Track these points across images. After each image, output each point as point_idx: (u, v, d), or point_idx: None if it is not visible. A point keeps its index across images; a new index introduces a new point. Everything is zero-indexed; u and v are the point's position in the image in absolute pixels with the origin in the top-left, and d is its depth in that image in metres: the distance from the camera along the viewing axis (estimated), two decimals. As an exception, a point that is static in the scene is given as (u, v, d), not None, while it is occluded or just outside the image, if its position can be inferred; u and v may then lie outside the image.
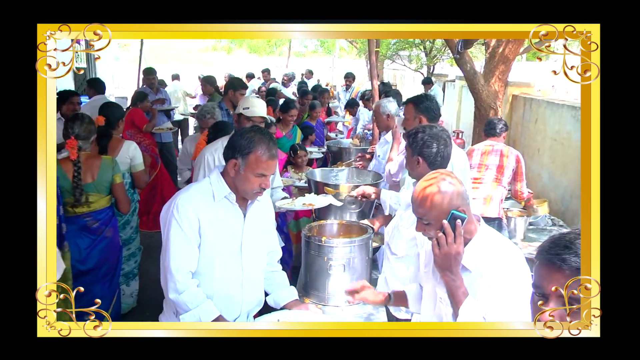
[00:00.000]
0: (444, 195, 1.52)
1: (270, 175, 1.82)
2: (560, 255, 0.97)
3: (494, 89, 5.15)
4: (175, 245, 1.77)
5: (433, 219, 1.53)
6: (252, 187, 1.78)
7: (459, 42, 5.01)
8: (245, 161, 1.76)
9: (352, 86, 9.13)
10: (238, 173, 1.78)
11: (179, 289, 1.76)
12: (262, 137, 1.78)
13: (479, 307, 1.46)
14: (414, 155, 2.09)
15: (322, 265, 2.40)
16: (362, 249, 2.44)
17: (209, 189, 1.83)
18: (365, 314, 2.38)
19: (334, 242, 2.42)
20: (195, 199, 1.81)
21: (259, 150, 1.75)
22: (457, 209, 1.51)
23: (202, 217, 1.79)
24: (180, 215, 1.76)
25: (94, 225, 2.77)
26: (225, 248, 1.86)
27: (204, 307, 1.77)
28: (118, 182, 2.84)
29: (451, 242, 1.48)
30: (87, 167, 2.67)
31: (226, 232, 1.86)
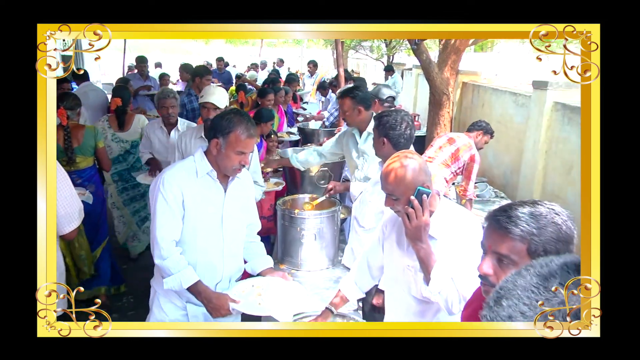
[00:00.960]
0: (410, 172, 1.67)
1: (249, 153, 1.98)
2: (496, 216, 1.13)
3: (446, 76, 5.63)
4: (160, 217, 1.94)
5: (400, 194, 1.68)
6: (233, 164, 1.95)
7: None
8: (226, 140, 1.93)
9: (316, 72, 10.30)
10: (220, 151, 1.96)
11: (163, 255, 1.94)
12: (241, 118, 1.95)
13: (447, 270, 1.64)
14: (380, 136, 2.30)
15: (295, 235, 2.70)
16: (330, 220, 2.73)
17: (193, 166, 2.00)
18: (334, 277, 2.69)
19: (305, 214, 2.73)
20: (180, 175, 1.98)
21: (238, 129, 1.92)
22: (422, 184, 1.66)
23: (185, 191, 1.96)
24: (166, 190, 1.94)
25: (78, 182, 3.27)
26: (207, 220, 2.03)
27: (184, 272, 1.95)
28: (100, 147, 3.46)
29: (420, 215, 1.63)
30: (73, 135, 3.28)
31: (208, 206, 2.02)
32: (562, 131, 4.79)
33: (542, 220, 1.09)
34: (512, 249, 1.10)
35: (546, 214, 1.11)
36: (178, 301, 2.11)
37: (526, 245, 1.10)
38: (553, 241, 1.08)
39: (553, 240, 1.08)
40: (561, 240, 1.08)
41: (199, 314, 2.08)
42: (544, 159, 5.05)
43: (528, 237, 1.09)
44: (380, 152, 2.36)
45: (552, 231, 1.08)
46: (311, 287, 2.54)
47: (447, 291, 1.66)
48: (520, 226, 1.09)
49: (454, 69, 5.76)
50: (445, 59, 5.72)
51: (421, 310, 1.83)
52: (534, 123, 5.19)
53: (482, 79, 7.78)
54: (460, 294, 1.66)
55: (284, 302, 1.95)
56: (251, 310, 1.92)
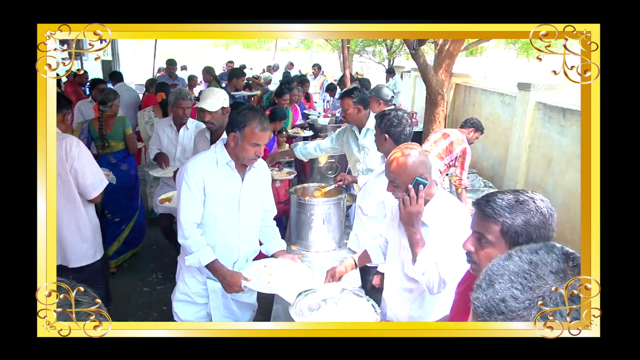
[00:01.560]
0: (411, 164, 1.86)
1: (263, 145, 2.15)
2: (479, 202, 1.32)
3: (441, 78, 6.17)
4: (184, 201, 2.17)
5: (401, 182, 1.88)
6: (249, 154, 2.15)
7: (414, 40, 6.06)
8: (242, 133, 2.12)
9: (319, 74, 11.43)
10: (237, 144, 2.15)
11: (185, 236, 2.18)
12: (255, 113, 2.13)
13: (432, 254, 1.83)
14: (382, 133, 2.51)
15: (305, 220, 3.00)
16: (337, 207, 3.02)
17: (214, 157, 2.22)
18: (340, 257, 2.89)
19: (314, 201, 3.00)
20: (201, 164, 2.20)
21: (253, 123, 2.10)
22: (421, 175, 1.85)
23: (206, 179, 2.18)
24: (189, 177, 2.16)
25: (113, 161, 4.15)
26: (225, 205, 2.25)
27: (203, 251, 2.19)
28: (128, 134, 4.21)
29: (414, 203, 1.81)
30: (106, 124, 4.09)
31: (226, 192, 2.24)
32: (543, 128, 5.26)
33: (516, 206, 1.26)
34: (488, 229, 1.29)
35: (522, 201, 1.26)
36: (199, 276, 2.36)
37: (499, 226, 1.27)
38: (524, 225, 1.24)
39: (524, 224, 1.24)
40: (532, 225, 1.23)
41: (217, 289, 2.32)
42: (527, 152, 5.58)
43: (501, 219, 1.26)
44: (382, 148, 2.57)
45: (525, 216, 1.24)
46: (319, 266, 2.80)
47: (430, 274, 1.84)
48: (495, 210, 1.27)
49: (448, 71, 6.26)
50: (440, 62, 6.21)
51: (411, 288, 2.04)
52: (518, 120, 5.71)
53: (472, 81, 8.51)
54: (442, 278, 1.84)
55: (291, 282, 2.13)
56: (261, 288, 2.12)
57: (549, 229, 1.25)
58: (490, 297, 0.80)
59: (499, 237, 1.28)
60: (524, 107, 5.59)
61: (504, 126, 6.36)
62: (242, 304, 2.48)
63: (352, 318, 2.03)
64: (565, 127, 4.82)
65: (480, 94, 7.36)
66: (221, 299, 2.38)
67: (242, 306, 2.48)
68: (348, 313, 2.06)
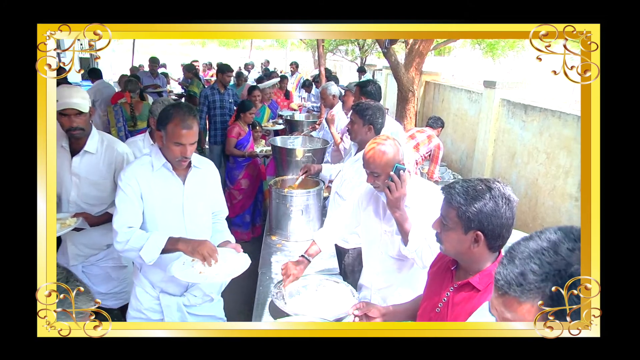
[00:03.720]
0: (389, 153, 2.00)
1: (188, 145, 1.95)
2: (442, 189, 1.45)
3: (412, 76, 6.50)
4: (119, 208, 1.98)
5: (381, 171, 2.01)
6: (175, 155, 1.96)
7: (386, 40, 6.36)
8: (166, 132, 1.94)
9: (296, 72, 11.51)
10: (163, 144, 1.98)
11: (122, 239, 1.95)
12: (178, 109, 1.95)
13: (420, 232, 1.93)
14: (365, 124, 2.67)
15: (285, 211, 3.06)
16: (315, 198, 3.10)
17: (149, 161, 2.04)
18: None
19: (294, 193, 3.07)
20: (136, 169, 2.02)
21: (174, 120, 1.91)
22: (399, 162, 2.00)
23: (143, 184, 2.00)
24: (124, 184, 1.99)
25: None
26: (167, 212, 2.06)
27: (153, 238, 1.95)
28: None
29: (400, 187, 1.94)
30: (136, 107, 5.10)
31: (166, 197, 2.05)
32: (507, 123, 5.66)
33: (472, 194, 1.36)
34: (447, 213, 1.41)
35: (478, 189, 1.37)
36: (152, 290, 2.17)
37: (455, 212, 1.39)
38: (476, 212, 1.34)
39: (476, 211, 1.34)
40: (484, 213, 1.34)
41: (171, 303, 2.16)
42: (492, 146, 5.98)
43: (457, 205, 1.38)
44: (361, 138, 2.71)
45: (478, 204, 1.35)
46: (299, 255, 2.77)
47: (422, 249, 1.95)
48: (452, 196, 1.39)
49: (418, 70, 6.61)
50: (411, 61, 6.53)
51: (398, 267, 2.15)
52: (484, 116, 6.09)
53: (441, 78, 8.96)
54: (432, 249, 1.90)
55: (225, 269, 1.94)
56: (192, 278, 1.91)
57: (501, 217, 1.34)
58: (510, 271, 0.88)
59: (456, 222, 1.39)
60: (490, 103, 5.92)
61: (471, 121, 6.69)
62: (204, 317, 2.24)
63: (331, 302, 2.16)
64: (527, 122, 5.17)
65: (449, 91, 7.75)
66: (176, 313, 2.16)
67: (203, 320, 2.22)
68: (327, 298, 2.20)
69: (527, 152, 5.14)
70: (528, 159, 5.12)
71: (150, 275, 2.15)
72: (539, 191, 4.88)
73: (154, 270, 2.09)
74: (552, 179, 4.65)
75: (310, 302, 2.18)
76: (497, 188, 1.38)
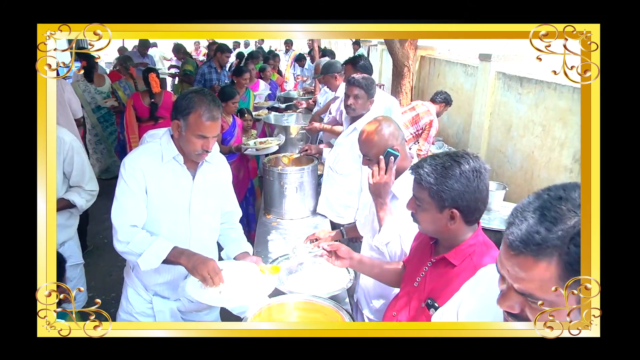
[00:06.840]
0: (382, 136, 1.91)
1: (211, 137, 1.80)
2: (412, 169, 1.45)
3: (407, 51, 6.45)
4: (121, 202, 1.80)
5: (373, 155, 1.92)
6: (194, 148, 1.79)
7: None
8: (186, 122, 1.76)
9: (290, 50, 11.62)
10: (181, 134, 1.79)
11: (124, 240, 1.77)
12: (203, 98, 1.76)
13: (397, 226, 1.87)
14: (370, 97, 2.80)
15: (279, 189, 3.02)
16: (310, 175, 3.07)
17: (159, 150, 1.85)
18: (314, 224, 3.04)
19: (288, 170, 3.03)
20: (142, 159, 1.83)
21: (199, 111, 1.74)
22: (392, 147, 1.88)
23: (148, 176, 1.81)
24: (127, 174, 1.80)
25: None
26: (172, 207, 1.87)
27: (156, 244, 1.76)
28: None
29: (382, 174, 1.84)
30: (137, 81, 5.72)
31: (173, 192, 1.87)
32: (502, 96, 5.65)
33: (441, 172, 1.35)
34: (419, 193, 1.41)
35: (447, 166, 1.35)
36: (145, 294, 2.01)
37: (427, 192, 1.38)
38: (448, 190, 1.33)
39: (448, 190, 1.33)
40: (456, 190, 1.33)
41: (165, 308, 2.00)
42: (488, 120, 5.95)
43: (427, 185, 1.37)
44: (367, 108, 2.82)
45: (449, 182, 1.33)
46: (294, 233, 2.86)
47: (393, 245, 1.89)
48: (422, 176, 1.38)
49: (413, 44, 6.58)
50: None
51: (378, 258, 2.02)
52: (480, 90, 6.07)
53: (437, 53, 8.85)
54: (403, 251, 1.88)
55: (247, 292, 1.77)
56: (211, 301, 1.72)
57: (474, 191, 1.34)
58: (525, 231, 0.85)
59: (429, 202, 1.38)
60: (485, 77, 5.90)
61: (467, 95, 6.66)
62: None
63: (328, 280, 2.15)
64: (523, 94, 5.14)
65: (444, 65, 7.68)
66: (169, 320, 2.00)
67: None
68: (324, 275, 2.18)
69: (522, 124, 5.13)
70: (524, 132, 5.11)
71: (144, 277, 1.99)
72: (534, 164, 4.85)
73: (149, 271, 1.90)
74: (548, 151, 4.60)
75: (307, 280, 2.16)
76: (466, 162, 1.36)
